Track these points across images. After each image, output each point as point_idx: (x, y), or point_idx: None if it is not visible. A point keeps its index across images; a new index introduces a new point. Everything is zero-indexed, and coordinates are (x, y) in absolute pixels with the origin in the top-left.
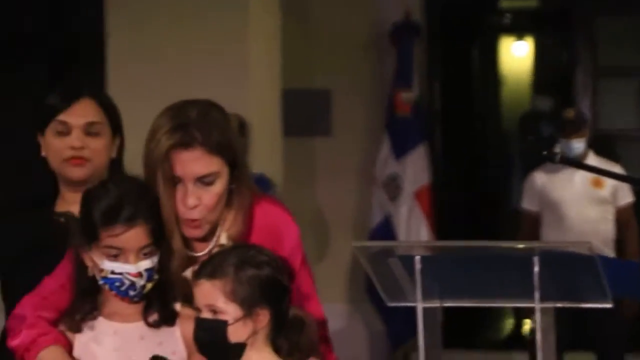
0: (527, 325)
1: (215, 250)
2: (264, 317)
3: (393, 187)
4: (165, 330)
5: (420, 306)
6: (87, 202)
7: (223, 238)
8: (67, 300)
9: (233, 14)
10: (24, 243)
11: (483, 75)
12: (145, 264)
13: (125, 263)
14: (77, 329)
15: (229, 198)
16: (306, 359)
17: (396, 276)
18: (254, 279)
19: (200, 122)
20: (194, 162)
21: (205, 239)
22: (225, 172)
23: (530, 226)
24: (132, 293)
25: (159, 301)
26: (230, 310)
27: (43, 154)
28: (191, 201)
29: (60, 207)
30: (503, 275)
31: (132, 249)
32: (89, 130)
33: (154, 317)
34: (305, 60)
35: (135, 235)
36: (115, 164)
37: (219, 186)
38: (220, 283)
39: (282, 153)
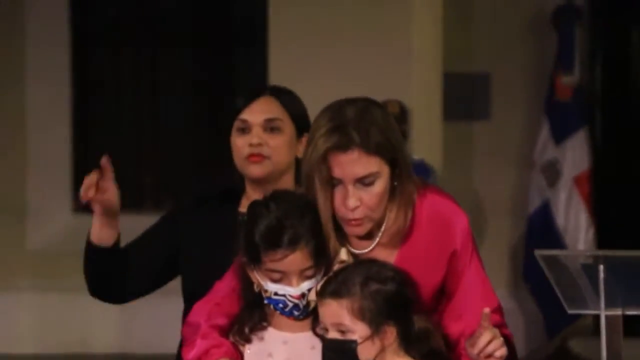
0: None
1: (338, 266)
2: (391, 333)
3: (552, 172)
4: None
5: (603, 314)
6: (249, 220)
7: (343, 254)
8: (238, 304)
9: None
10: (208, 241)
11: None
12: (308, 284)
13: (288, 285)
14: (247, 340)
15: (392, 194)
16: None
17: (578, 283)
18: (381, 296)
19: (358, 123)
20: (352, 164)
21: (368, 236)
22: (385, 171)
23: None
24: (296, 313)
25: None
26: (358, 329)
27: (233, 155)
28: (352, 202)
29: (245, 206)
30: None
31: (294, 272)
32: (268, 127)
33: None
34: (465, 43)
35: (296, 259)
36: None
37: (380, 186)
38: (347, 302)
39: (441, 138)
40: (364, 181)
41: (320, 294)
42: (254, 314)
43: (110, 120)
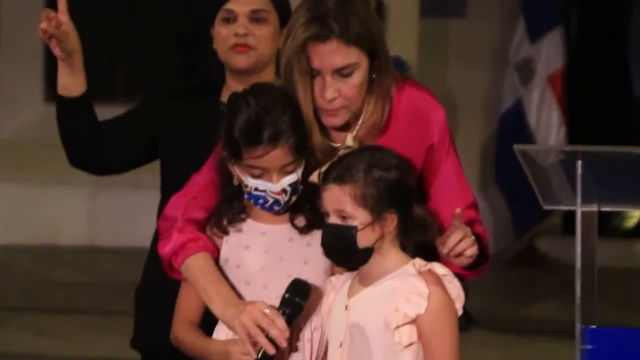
0: None
1: (343, 152)
2: (391, 221)
3: (526, 70)
4: (313, 232)
5: (579, 210)
6: (229, 114)
7: (349, 140)
8: (215, 197)
9: None
10: (189, 128)
11: None
12: (289, 179)
13: (268, 182)
14: (225, 232)
15: (370, 87)
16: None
17: (554, 179)
18: (384, 184)
19: (337, 13)
20: (330, 54)
21: (345, 128)
22: (364, 62)
23: None
24: (277, 208)
25: (306, 205)
26: (359, 215)
27: (214, 46)
28: (329, 93)
29: (226, 97)
30: None
31: (274, 168)
32: (254, 17)
33: (301, 221)
34: None
35: (277, 156)
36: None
37: (358, 77)
38: (350, 188)
39: (417, 34)
40: (343, 72)
41: (324, 179)
42: (232, 205)
43: (85, 10)
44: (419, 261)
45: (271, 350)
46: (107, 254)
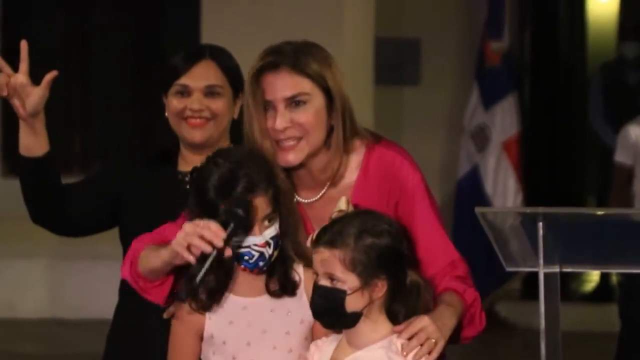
0: (614, 276)
1: (335, 215)
2: (382, 287)
3: (481, 137)
4: (292, 299)
5: (542, 272)
6: (198, 182)
7: (343, 203)
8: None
9: None
10: (148, 196)
11: (571, 22)
12: (270, 231)
13: (251, 235)
14: (207, 308)
15: (328, 138)
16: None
17: (514, 241)
18: (374, 250)
19: (293, 50)
20: (281, 82)
21: (311, 186)
22: (318, 97)
23: (623, 180)
24: (261, 263)
25: (280, 270)
26: (348, 280)
27: (166, 114)
28: (279, 122)
29: (182, 167)
30: (626, 241)
31: (257, 219)
32: (209, 92)
33: (275, 285)
34: (396, 8)
35: (258, 205)
36: (237, 125)
37: (311, 108)
38: (340, 253)
39: (372, 103)
40: (295, 100)
41: (315, 243)
42: (210, 279)
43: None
44: (398, 341)
45: (207, 249)
46: (68, 326)
